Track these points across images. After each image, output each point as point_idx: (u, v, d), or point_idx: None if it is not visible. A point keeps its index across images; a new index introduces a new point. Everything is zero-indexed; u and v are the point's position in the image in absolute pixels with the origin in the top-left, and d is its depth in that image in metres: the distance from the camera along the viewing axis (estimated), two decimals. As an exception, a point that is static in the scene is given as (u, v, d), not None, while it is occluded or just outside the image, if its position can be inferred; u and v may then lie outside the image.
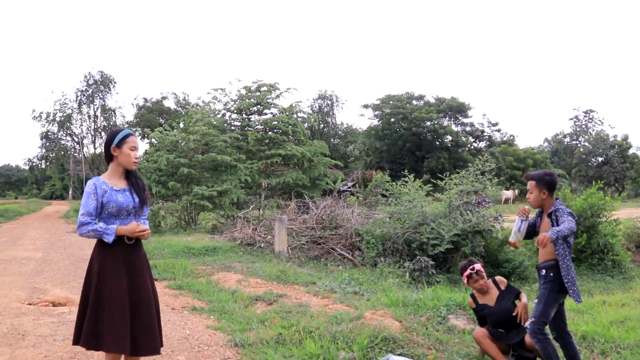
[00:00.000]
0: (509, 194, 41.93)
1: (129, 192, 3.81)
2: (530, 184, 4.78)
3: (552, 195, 4.73)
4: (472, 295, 5.55)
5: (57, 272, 10.13)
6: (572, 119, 67.60)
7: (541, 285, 4.67)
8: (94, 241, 3.80)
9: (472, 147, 55.74)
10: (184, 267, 10.40)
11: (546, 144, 74.99)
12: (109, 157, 3.83)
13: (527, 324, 4.60)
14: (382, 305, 7.03)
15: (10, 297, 7.50)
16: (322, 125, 63.18)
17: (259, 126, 26.92)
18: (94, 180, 3.72)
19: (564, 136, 70.98)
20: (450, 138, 52.99)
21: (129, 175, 3.87)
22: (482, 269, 5.47)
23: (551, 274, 4.57)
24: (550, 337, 4.70)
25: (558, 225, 4.42)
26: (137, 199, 3.81)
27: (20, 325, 5.89)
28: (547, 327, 4.65)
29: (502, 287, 5.43)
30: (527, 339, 4.87)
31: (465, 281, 5.54)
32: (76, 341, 3.70)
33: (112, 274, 3.64)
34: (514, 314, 5.05)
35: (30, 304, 7.18)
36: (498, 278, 5.57)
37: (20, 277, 9.39)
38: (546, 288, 4.57)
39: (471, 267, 5.44)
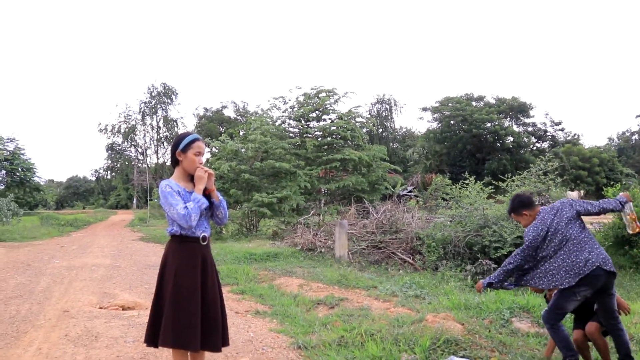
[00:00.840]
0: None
1: None
2: (514, 217, 5.08)
3: (533, 209, 4.89)
4: None
5: (125, 278, 10.48)
6: (639, 115, 65.15)
7: None
8: (159, 248, 3.92)
9: (535, 148, 54.41)
10: (246, 273, 10.59)
11: (612, 141, 72.59)
12: (174, 161, 3.92)
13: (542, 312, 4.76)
14: (444, 308, 6.99)
15: (82, 301, 7.82)
16: (380, 130, 63.01)
17: (317, 132, 27.06)
18: (167, 182, 3.79)
19: (632, 134, 68.61)
20: (511, 139, 51.87)
21: (193, 178, 3.96)
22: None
23: None
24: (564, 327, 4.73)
25: None
26: (207, 201, 3.90)
27: (93, 327, 6.15)
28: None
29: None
30: (587, 328, 4.81)
31: None
32: (150, 341, 3.80)
33: (188, 272, 3.74)
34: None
35: (101, 308, 7.46)
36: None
37: (91, 282, 9.76)
38: None
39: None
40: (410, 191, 40.05)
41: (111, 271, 11.36)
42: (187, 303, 3.69)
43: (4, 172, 42.32)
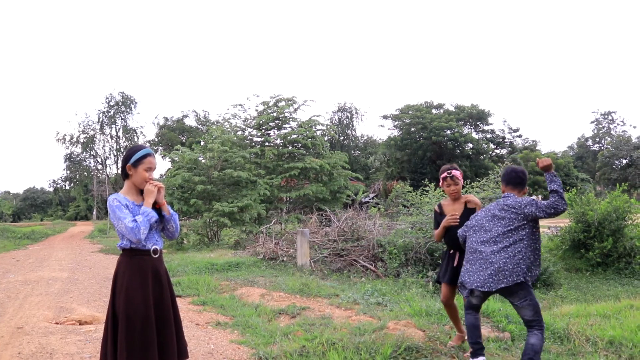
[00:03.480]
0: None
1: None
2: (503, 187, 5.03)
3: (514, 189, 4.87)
4: (439, 205, 5.77)
5: (83, 291, 10.25)
6: (593, 122, 66.81)
7: None
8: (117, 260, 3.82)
9: (494, 154, 55.40)
10: (207, 283, 10.46)
11: (570, 149, 74.15)
12: (124, 174, 3.86)
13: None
14: (406, 315, 7.01)
15: (38, 316, 7.61)
16: (342, 138, 63.34)
17: (277, 141, 27.06)
18: (115, 196, 3.71)
19: (586, 140, 70.26)
20: (471, 146, 52.72)
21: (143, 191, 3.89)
22: (459, 177, 5.56)
23: None
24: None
25: None
26: (157, 214, 3.83)
27: (48, 344, 5.98)
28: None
29: (469, 206, 5.54)
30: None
31: (440, 183, 5.67)
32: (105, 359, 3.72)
33: (139, 287, 3.66)
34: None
35: (57, 323, 7.27)
36: (471, 197, 5.66)
37: (47, 297, 9.52)
38: None
39: (449, 171, 5.57)
40: (372, 198, 40.22)
41: (69, 285, 11.10)
42: (140, 318, 3.61)
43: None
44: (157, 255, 3.82)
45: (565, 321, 6.42)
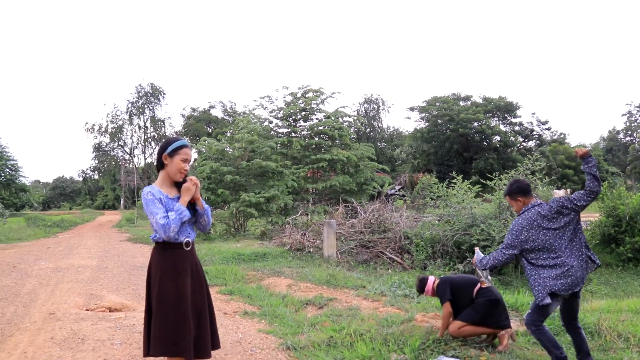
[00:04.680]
0: (560, 193, 40.69)
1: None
2: (507, 200, 5.05)
3: (529, 196, 4.88)
4: None
5: (112, 279, 10.39)
6: (625, 114, 65.40)
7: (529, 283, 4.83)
8: (146, 249, 3.87)
9: (522, 147, 54.72)
10: (234, 273, 10.54)
11: (601, 141, 72.85)
12: (160, 164, 3.86)
13: (525, 315, 4.86)
14: (433, 308, 6.99)
15: (69, 303, 7.74)
16: (368, 130, 63.09)
17: (304, 132, 27.08)
18: (149, 189, 3.71)
19: (617, 132, 68.97)
20: (498, 138, 52.10)
21: (179, 184, 3.90)
22: (428, 291, 5.90)
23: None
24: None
25: None
26: (189, 214, 3.83)
27: (79, 329, 6.08)
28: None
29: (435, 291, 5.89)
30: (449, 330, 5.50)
31: None
32: (147, 352, 3.74)
33: (172, 279, 3.68)
34: None
35: (88, 310, 7.38)
36: (434, 281, 5.93)
37: (77, 284, 9.67)
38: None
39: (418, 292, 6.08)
40: (398, 191, 40.07)
41: (98, 272, 11.26)
42: (173, 310, 3.63)
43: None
44: (189, 248, 3.83)
45: (596, 316, 6.33)
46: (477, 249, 5.34)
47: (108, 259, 13.83)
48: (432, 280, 5.84)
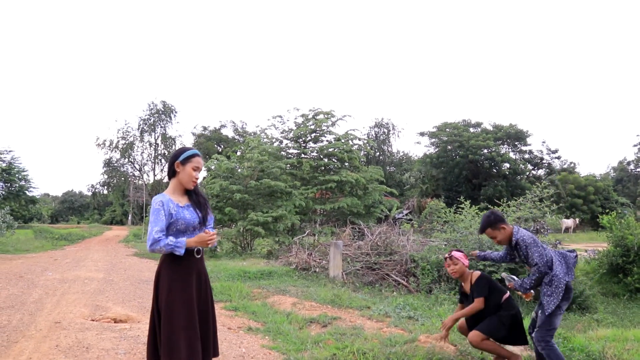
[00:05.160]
0: (569, 222, 40.78)
1: (192, 207, 3.92)
2: (489, 232, 5.21)
3: (507, 223, 5.14)
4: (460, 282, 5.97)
5: (118, 292, 10.43)
6: (635, 145, 65.24)
7: (541, 298, 4.99)
8: (152, 264, 3.93)
9: (531, 175, 54.62)
10: (239, 290, 10.57)
11: (611, 171, 72.55)
12: (171, 172, 3.95)
13: (533, 333, 4.99)
14: (437, 330, 6.98)
15: (74, 313, 7.79)
16: (377, 153, 63.19)
17: (314, 153, 27.18)
18: (161, 197, 3.79)
19: (628, 163, 68.70)
20: (508, 166, 52.05)
21: (190, 192, 3.98)
22: (459, 258, 5.79)
23: (545, 289, 4.93)
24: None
25: (527, 259, 4.97)
26: (200, 214, 3.92)
27: (84, 339, 6.12)
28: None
29: (472, 282, 5.71)
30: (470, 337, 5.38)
31: (446, 265, 5.93)
32: (152, 357, 3.79)
33: (182, 286, 3.74)
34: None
35: (93, 320, 7.43)
36: (474, 273, 5.77)
37: (83, 295, 9.72)
38: (544, 299, 4.90)
39: (449, 253, 5.88)
40: (405, 215, 40.02)
41: (104, 285, 11.32)
42: (182, 316, 3.69)
43: (1, 183, 42.14)
44: (199, 256, 3.91)
45: (601, 344, 6.30)
46: (504, 274, 5.45)
47: (114, 272, 13.89)
48: (465, 261, 5.81)
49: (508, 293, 5.58)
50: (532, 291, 5.27)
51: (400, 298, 10.41)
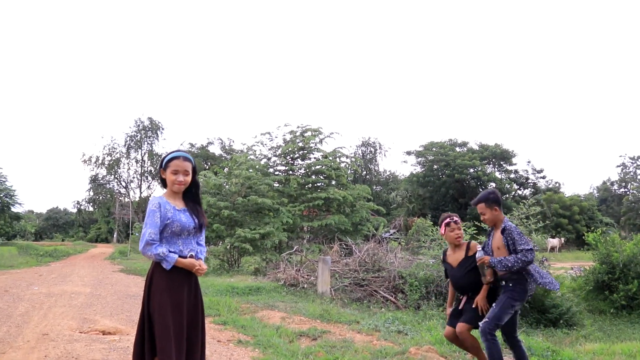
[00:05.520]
0: (554, 242, 40.98)
1: (188, 212, 3.95)
2: (480, 207, 5.25)
3: (502, 210, 5.23)
4: (444, 252, 5.86)
5: (105, 306, 10.36)
6: (619, 166, 66.00)
7: (502, 293, 5.08)
8: (139, 280, 3.96)
9: (517, 195, 54.98)
10: (228, 305, 10.53)
11: (594, 191, 73.22)
12: (162, 180, 4.00)
13: (480, 323, 5.00)
14: (427, 343, 7.00)
15: (62, 325, 7.73)
16: (364, 172, 63.36)
17: (301, 171, 27.22)
18: (158, 199, 3.83)
19: (611, 184, 69.41)
20: (494, 185, 52.39)
21: (187, 198, 4.01)
22: (460, 223, 5.71)
23: (510, 284, 5.02)
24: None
25: (514, 245, 4.96)
26: (196, 220, 3.94)
27: (73, 350, 6.08)
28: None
29: (470, 253, 5.55)
30: (458, 328, 5.29)
31: (442, 230, 5.73)
32: (138, 358, 3.78)
33: (173, 290, 3.75)
34: (473, 306, 5.27)
35: (81, 332, 7.36)
36: (472, 243, 5.70)
37: (70, 308, 9.65)
38: (505, 295, 4.99)
39: (451, 216, 5.69)
40: (392, 234, 40.02)
41: (91, 299, 11.23)
42: (172, 321, 3.69)
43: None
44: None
45: (589, 357, 6.36)
46: (479, 247, 5.39)
47: (101, 287, 13.79)
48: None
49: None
50: (489, 274, 5.19)
51: (389, 313, 10.41)
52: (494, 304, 5.03)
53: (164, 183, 3.99)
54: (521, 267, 4.88)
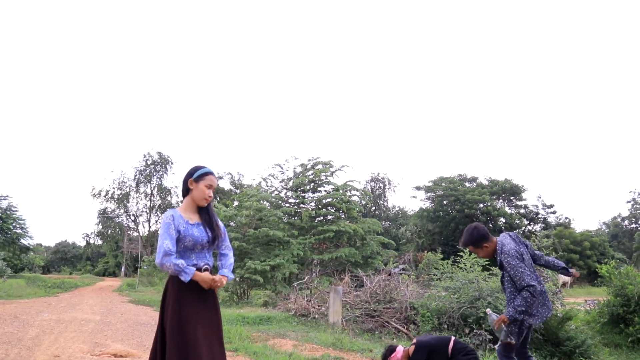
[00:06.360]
0: (566, 278, 40.38)
1: (202, 226, 3.94)
2: (471, 249, 5.30)
3: (490, 239, 5.17)
4: None
5: (115, 332, 10.30)
6: (629, 201, 65.65)
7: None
8: (149, 310, 3.95)
9: (527, 230, 54.67)
10: (239, 333, 10.46)
11: (604, 227, 72.76)
12: (185, 190, 4.00)
13: (495, 346, 5.15)
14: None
15: (74, 348, 7.68)
16: (373, 208, 63.29)
17: (312, 204, 27.24)
18: (172, 212, 3.84)
19: (622, 219, 68.97)
20: (503, 220, 52.18)
21: (202, 211, 4.01)
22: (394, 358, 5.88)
23: None
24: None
25: (512, 278, 4.85)
26: (210, 234, 3.93)
27: (86, 370, 6.02)
28: None
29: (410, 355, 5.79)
30: None
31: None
32: None
33: (188, 301, 3.73)
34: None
35: (93, 355, 7.31)
36: (410, 348, 5.86)
37: (81, 333, 9.60)
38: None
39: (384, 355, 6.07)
40: (401, 270, 39.80)
41: (101, 326, 11.19)
42: (188, 332, 3.66)
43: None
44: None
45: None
46: (488, 310, 5.27)
47: (111, 315, 13.74)
48: (401, 350, 5.80)
49: (452, 339, 5.58)
50: (512, 334, 4.96)
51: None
52: (503, 326, 4.92)
53: (187, 192, 4.00)
54: (530, 303, 4.75)
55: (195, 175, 3.95)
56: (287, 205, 27.30)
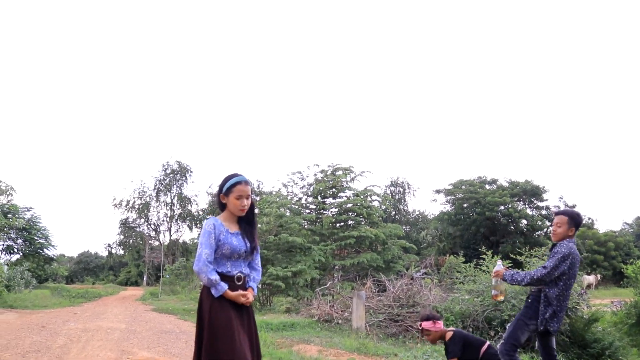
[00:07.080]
0: (591, 279, 39.93)
1: (241, 236, 3.99)
2: (562, 219, 5.15)
3: (575, 233, 5.14)
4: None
5: (142, 340, 10.40)
6: (654, 201, 64.92)
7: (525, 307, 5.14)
8: (174, 318, 4.00)
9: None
10: (263, 339, 10.46)
11: (627, 227, 71.81)
12: (220, 205, 4.04)
13: (499, 345, 5.07)
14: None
15: (101, 356, 7.78)
16: (393, 212, 63.12)
17: (333, 209, 27.20)
18: (213, 220, 3.90)
19: (647, 219, 68.04)
20: (525, 222, 51.67)
21: (241, 221, 4.05)
22: (428, 328, 5.81)
23: (529, 300, 5.09)
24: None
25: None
26: (248, 244, 3.98)
27: (115, 377, 6.09)
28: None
29: (446, 340, 5.76)
30: None
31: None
32: None
33: (222, 309, 3.77)
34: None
35: (121, 363, 7.40)
36: (449, 333, 5.80)
37: (108, 342, 9.71)
38: (520, 313, 5.07)
39: (419, 323, 6.00)
40: (423, 274, 39.65)
41: (127, 334, 11.31)
42: (223, 338, 3.70)
43: (21, 240, 42.27)
44: (240, 282, 3.94)
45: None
46: (499, 262, 5.44)
47: (136, 324, 13.87)
48: (441, 326, 5.79)
49: (487, 343, 5.56)
50: (501, 292, 5.32)
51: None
52: (508, 325, 5.03)
53: (222, 207, 4.04)
54: (529, 282, 4.87)
55: (224, 190, 3.99)
56: (307, 212, 27.30)
